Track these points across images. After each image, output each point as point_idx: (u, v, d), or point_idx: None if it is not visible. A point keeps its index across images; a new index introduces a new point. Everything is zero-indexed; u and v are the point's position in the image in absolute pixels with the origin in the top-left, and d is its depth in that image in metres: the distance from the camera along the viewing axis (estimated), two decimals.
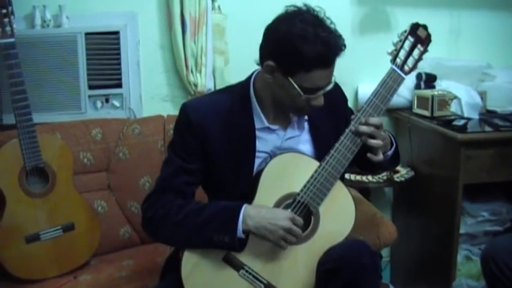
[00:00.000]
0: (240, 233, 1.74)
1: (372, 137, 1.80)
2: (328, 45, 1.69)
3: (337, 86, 2.02)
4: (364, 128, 1.78)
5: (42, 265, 2.35)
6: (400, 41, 1.85)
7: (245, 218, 1.74)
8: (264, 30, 1.80)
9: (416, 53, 1.85)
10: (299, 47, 1.68)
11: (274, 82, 1.78)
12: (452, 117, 2.81)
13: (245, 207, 1.76)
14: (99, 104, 2.84)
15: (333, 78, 1.79)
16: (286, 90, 1.76)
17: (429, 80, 3.05)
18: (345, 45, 1.74)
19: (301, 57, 1.68)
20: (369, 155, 1.81)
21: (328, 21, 1.75)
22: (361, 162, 1.89)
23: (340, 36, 1.74)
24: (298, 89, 1.73)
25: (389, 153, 1.92)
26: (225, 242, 1.74)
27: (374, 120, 1.79)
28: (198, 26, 2.82)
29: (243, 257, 1.79)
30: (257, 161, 1.87)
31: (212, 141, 1.84)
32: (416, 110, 2.99)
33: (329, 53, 1.71)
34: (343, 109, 2.06)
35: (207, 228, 1.75)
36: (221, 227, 1.74)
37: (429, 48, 1.88)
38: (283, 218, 1.74)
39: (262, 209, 1.77)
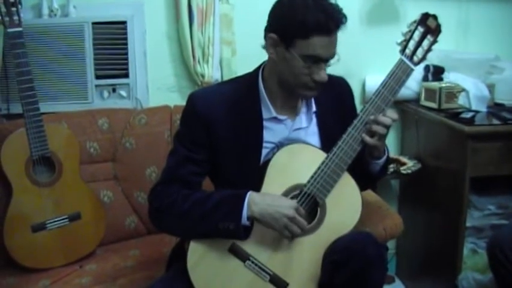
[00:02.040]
0: (244, 219, 1.73)
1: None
2: (327, 12, 1.72)
3: (345, 83, 2.03)
4: (384, 119, 1.78)
5: (48, 254, 2.36)
6: (410, 31, 1.84)
7: (250, 204, 1.74)
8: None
9: (425, 43, 1.84)
10: (299, 15, 1.70)
11: (278, 58, 1.79)
12: (460, 110, 2.80)
13: (250, 194, 1.75)
14: (105, 93, 2.84)
15: (337, 56, 1.79)
16: (289, 64, 1.77)
17: (437, 72, 3.04)
18: (345, 18, 1.76)
19: (300, 24, 1.70)
20: (367, 138, 1.81)
21: None
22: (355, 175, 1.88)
23: (341, 9, 1.77)
24: (299, 58, 1.74)
25: (381, 161, 1.92)
26: (230, 230, 1.73)
27: (393, 114, 1.81)
28: (206, 16, 2.81)
29: (249, 248, 1.78)
30: (264, 152, 1.87)
31: (219, 132, 1.83)
32: (423, 102, 2.98)
33: (328, 20, 1.71)
34: (350, 106, 2.06)
35: (213, 216, 1.75)
36: (226, 214, 1.74)
37: (438, 39, 1.87)
38: (288, 206, 1.73)
39: (267, 196, 1.77)
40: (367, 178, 1.97)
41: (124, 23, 2.78)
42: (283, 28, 1.75)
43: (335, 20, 1.73)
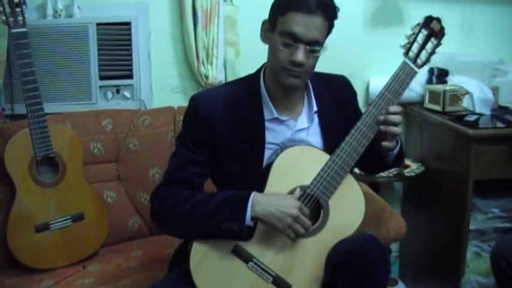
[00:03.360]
0: (248, 220, 1.73)
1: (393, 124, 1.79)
2: None
3: (347, 82, 2.03)
4: (392, 117, 1.77)
5: (51, 254, 2.37)
6: (414, 33, 1.84)
7: (253, 205, 1.73)
8: None
9: (429, 46, 1.83)
10: None
11: (268, 44, 1.81)
12: (464, 113, 2.80)
13: (254, 194, 1.75)
14: (109, 94, 2.84)
15: (325, 47, 1.77)
16: (272, 46, 1.78)
17: (441, 75, 3.04)
18: (332, 3, 1.76)
19: (281, 1, 1.74)
20: (384, 143, 1.81)
21: None
22: (366, 162, 1.89)
23: None
24: (278, 36, 1.74)
25: (395, 151, 1.92)
26: (233, 230, 1.73)
27: (396, 108, 1.79)
28: (210, 17, 2.81)
29: (252, 249, 1.78)
30: (267, 153, 1.87)
31: (221, 133, 1.83)
32: (427, 105, 2.98)
33: None
34: (353, 105, 2.05)
35: (216, 216, 1.74)
36: (230, 215, 1.73)
37: (441, 42, 1.87)
38: (292, 206, 1.73)
39: (270, 196, 1.76)
40: (384, 166, 1.99)
41: (128, 24, 2.79)
42: (271, 11, 1.78)
43: None
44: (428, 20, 1.84)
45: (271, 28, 1.78)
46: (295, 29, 1.71)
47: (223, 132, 1.84)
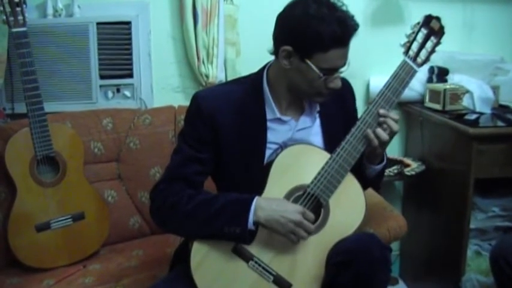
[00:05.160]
0: (250, 225, 1.73)
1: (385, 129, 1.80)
2: (344, 24, 1.71)
3: (348, 84, 2.02)
4: (392, 124, 1.79)
5: (52, 254, 2.37)
6: (413, 32, 1.84)
7: (256, 210, 1.73)
8: (276, 18, 1.80)
9: (429, 45, 1.83)
10: (316, 28, 1.69)
11: (291, 68, 1.78)
12: (464, 112, 2.79)
13: (257, 199, 1.75)
14: (110, 94, 2.84)
15: (348, 59, 1.79)
16: (304, 74, 1.76)
17: (441, 74, 3.03)
18: (358, 25, 1.76)
19: (318, 38, 1.69)
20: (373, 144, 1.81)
21: (339, 3, 1.77)
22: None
23: (353, 16, 1.76)
24: (317, 71, 1.73)
25: (378, 167, 1.92)
26: (236, 234, 1.73)
27: (395, 115, 1.81)
28: (210, 17, 2.81)
29: (253, 249, 1.78)
30: (268, 152, 1.87)
31: (223, 131, 1.83)
32: (428, 103, 2.97)
33: (345, 32, 1.72)
34: (351, 104, 2.06)
35: (218, 219, 1.74)
36: (232, 218, 1.73)
37: (442, 41, 1.86)
38: (294, 211, 1.73)
39: (273, 201, 1.76)
40: (362, 180, 1.96)
41: (129, 23, 2.79)
42: (298, 41, 1.73)
43: (350, 30, 1.73)
44: (428, 18, 1.84)
45: (297, 55, 1.75)
46: (339, 64, 1.76)
47: (225, 130, 1.84)
